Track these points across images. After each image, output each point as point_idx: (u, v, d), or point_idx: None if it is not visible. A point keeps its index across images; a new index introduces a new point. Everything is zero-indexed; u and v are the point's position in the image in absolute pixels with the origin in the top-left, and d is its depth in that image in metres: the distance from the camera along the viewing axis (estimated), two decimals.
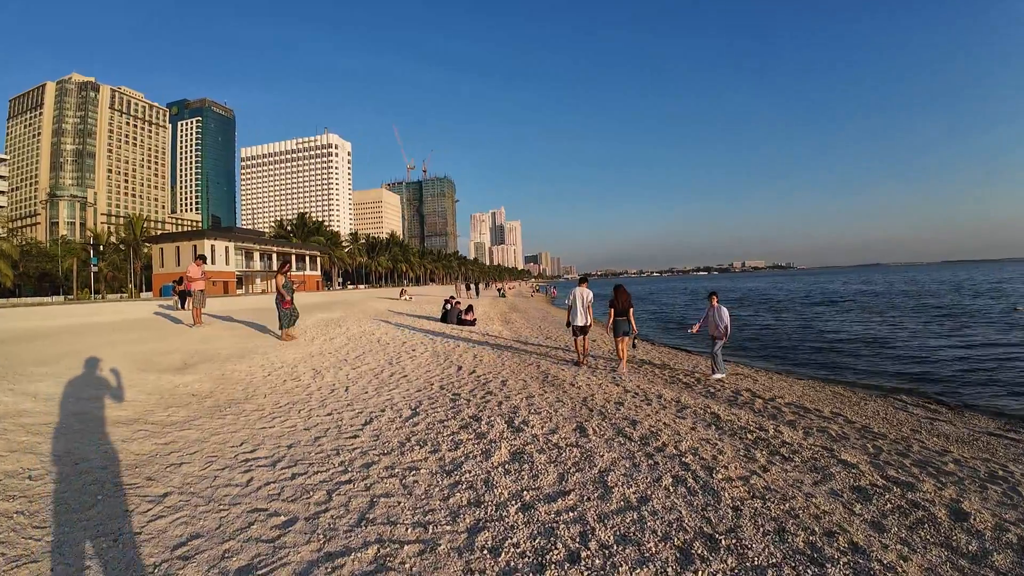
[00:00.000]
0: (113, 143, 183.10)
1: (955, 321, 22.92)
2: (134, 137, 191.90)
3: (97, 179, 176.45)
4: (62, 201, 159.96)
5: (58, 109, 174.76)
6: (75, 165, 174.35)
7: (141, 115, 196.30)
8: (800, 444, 5.74)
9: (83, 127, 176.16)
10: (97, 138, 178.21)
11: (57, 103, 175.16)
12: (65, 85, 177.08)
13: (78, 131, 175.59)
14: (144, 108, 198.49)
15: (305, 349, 11.07)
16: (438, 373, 9.14)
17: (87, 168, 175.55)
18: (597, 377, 9.66)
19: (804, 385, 11.28)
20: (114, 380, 7.25)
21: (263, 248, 75.37)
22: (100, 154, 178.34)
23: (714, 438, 5.88)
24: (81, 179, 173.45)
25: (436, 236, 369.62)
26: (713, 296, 10.72)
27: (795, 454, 5.36)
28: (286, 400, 6.81)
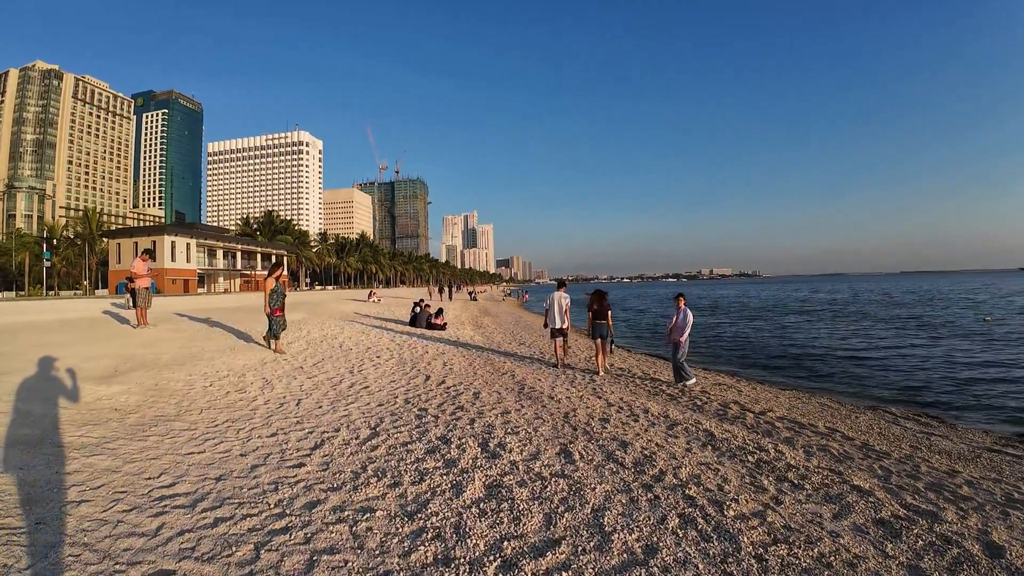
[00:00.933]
0: (75, 134, 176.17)
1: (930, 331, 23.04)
2: (97, 128, 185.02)
3: (57, 171, 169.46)
4: (20, 193, 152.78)
5: (20, 97, 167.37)
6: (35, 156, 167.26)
7: (105, 105, 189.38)
8: (806, 467, 5.21)
9: (44, 116, 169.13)
10: (59, 128, 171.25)
11: (19, 91, 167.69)
12: (28, 73, 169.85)
13: (39, 120, 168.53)
14: (108, 98, 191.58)
15: (257, 355, 10.06)
16: (404, 384, 8.29)
17: (47, 159, 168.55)
18: (576, 388, 8.97)
19: (790, 396, 10.92)
20: (27, 391, 6.21)
21: (227, 246, 72.87)
22: (61, 145, 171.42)
23: (713, 461, 5.24)
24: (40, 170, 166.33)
25: (408, 238, 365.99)
26: (680, 298, 10.34)
27: (804, 480, 4.80)
28: (225, 417, 5.88)
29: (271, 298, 10.18)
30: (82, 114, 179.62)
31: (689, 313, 10.09)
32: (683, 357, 10.20)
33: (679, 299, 10.30)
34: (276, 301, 10.23)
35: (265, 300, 10.26)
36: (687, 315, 10.08)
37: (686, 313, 10.09)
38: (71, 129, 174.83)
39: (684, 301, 10.24)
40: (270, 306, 10.18)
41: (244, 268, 76.08)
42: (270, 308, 10.21)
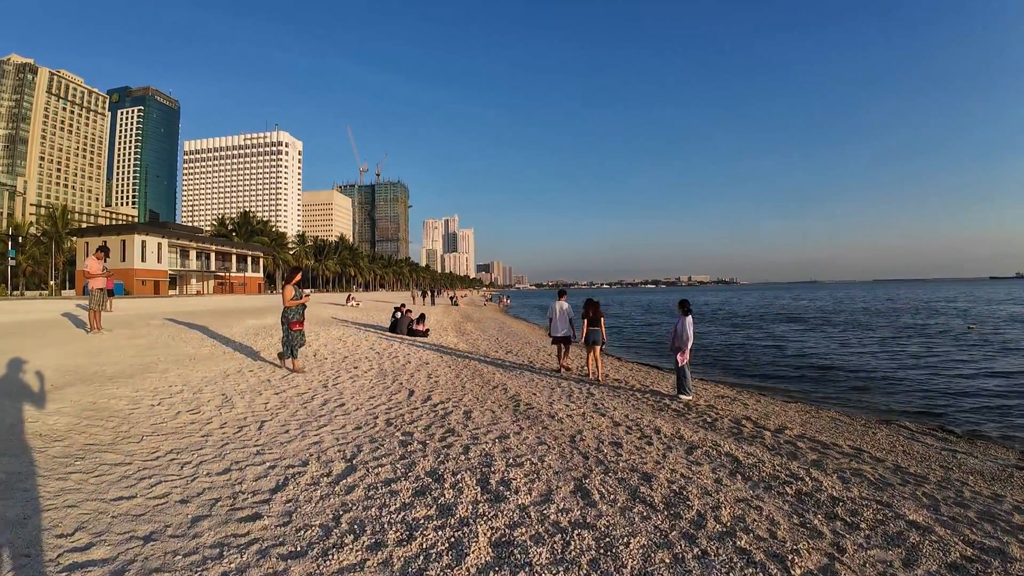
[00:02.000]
0: (48, 129, 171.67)
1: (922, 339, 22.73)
2: (71, 124, 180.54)
3: (28, 167, 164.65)
4: None
5: None
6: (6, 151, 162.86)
7: (79, 101, 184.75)
8: (850, 499, 4.63)
9: (17, 111, 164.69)
10: (32, 123, 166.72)
11: None
12: (3, 66, 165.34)
13: (12, 115, 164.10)
14: (83, 94, 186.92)
15: (220, 366, 9.01)
16: (384, 400, 7.34)
17: (19, 155, 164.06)
18: (576, 403, 8.17)
19: (798, 410, 10.28)
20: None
21: (200, 246, 70.68)
22: (33, 140, 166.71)
23: (751, 496, 4.51)
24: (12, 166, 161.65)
25: (388, 241, 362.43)
26: (681, 305, 9.53)
27: (855, 516, 4.20)
28: (170, 446, 4.87)
29: (291, 311, 8.81)
30: (56, 109, 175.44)
31: (687, 322, 9.25)
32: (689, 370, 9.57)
33: (680, 308, 9.50)
34: (297, 313, 8.88)
35: (284, 308, 8.87)
36: (684, 324, 9.25)
37: (683, 322, 9.27)
38: (44, 124, 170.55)
39: (686, 308, 9.41)
40: (289, 318, 8.81)
41: (218, 270, 73.92)
42: (288, 320, 8.85)
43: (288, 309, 8.80)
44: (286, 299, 8.82)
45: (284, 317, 8.86)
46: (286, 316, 8.81)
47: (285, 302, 8.83)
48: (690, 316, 9.29)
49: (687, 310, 9.35)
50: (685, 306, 9.40)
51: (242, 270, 78.40)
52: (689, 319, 9.24)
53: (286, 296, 8.84)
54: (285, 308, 8.86)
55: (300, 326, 9.00)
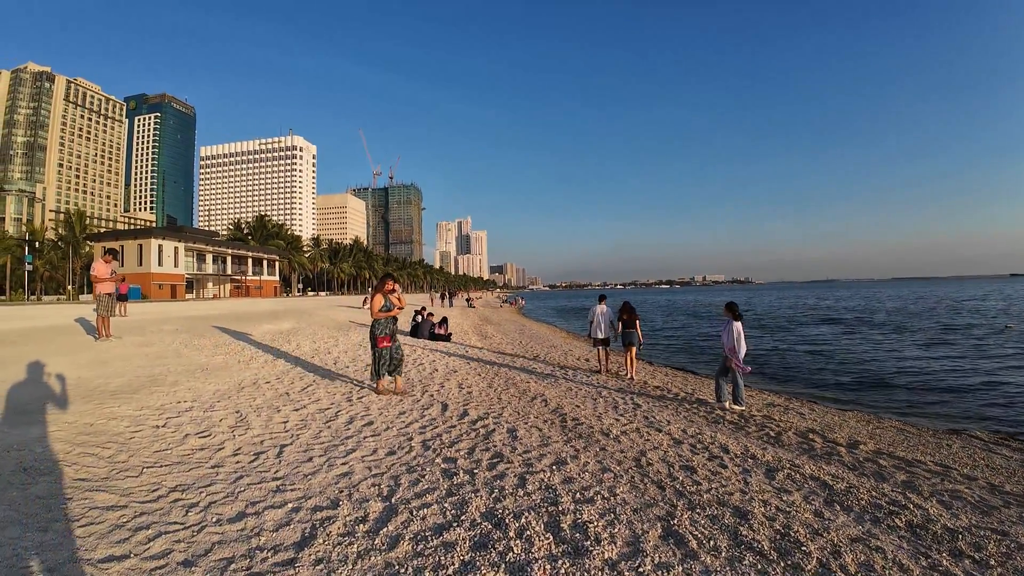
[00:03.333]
0: (66, 137, 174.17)
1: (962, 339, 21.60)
2: (88, 131, 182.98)
3: (47, 174, 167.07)
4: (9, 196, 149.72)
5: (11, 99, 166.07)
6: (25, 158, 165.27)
7: (97, 108, 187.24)
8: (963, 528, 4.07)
9: (35, 119, 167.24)
10: (50, 131, 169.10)
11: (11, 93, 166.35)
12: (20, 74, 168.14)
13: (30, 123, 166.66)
14: (100, 101, 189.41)
15: (234, 377, 8.28)
16: (416, 416, 6.54)
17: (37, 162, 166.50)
18: (625, 415, 7.42)
19: (857, 419, 9.42)
20: None
21: (216, 250, 70.80)
22: (52, 148, 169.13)
23: (861, 531, 3.85)
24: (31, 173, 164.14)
25: (401, 244, 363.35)
26: (729, 308, 8.52)
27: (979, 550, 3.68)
28: (173, 481, 4.10)
29: (378, 324, 7.63)
30: (73, 117, 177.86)
31: (736, 328, 8.29)
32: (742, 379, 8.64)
33: (727, 311, 8.52)
34: (385, 328, 7.66)
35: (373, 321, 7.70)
36: (732, 330, 8.31)
37: (730, 328, 8.34)
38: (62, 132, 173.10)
39: (735, 312, 8.42)
40: (376, 333, 7.64)
41: (234, 273, 74.03)
42: (375, 335, 7.67)
43: (376, 322, 7.62)
44: (374, 310, 7.61)
45: (371, 332, 7.74)
46: (373, 331, 7.69)
47: (373, 313, 7.63)
48: (740, 321, 8.39)
49: (737, 314, 8.38)
50: (734, 310, 8.41)
51: (258, 273, 78.46)
52: (739, 324, 8.31)
53: (375, 307, 7.62)
54: (374, 321, 7.70)
55: (388, 341, 7.67)
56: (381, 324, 7.60)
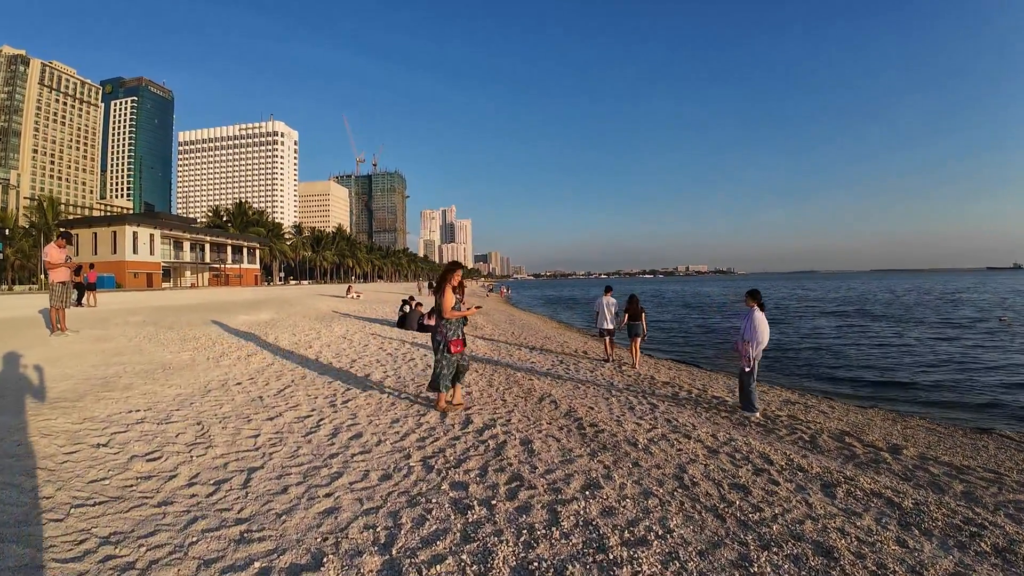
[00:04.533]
0: (40, 121, 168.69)
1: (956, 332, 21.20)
2: (63, 116, 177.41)
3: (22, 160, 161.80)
4: None
5: None
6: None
7: (72, 92, 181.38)
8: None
9: (10, 103, 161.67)
10: (24, 116, 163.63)
11: None
12: None
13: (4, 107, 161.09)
14: (76, 85, 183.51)
15: (201, 378, 7.25)
16: (413, 425, 5.59)
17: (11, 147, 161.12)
18: (646, 419, 6.77)
19: (882, 418, 8.86)
20: None
21: (194, 237, 68.72)
22: (26, 133, 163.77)
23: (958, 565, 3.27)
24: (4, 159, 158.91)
25: (385, 232, 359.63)
26: (751, 297, 7.48)
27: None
28: (106, 527, 3.09)
29: (449, 326, 6.10)
30: (48, 101, 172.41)
31: (758, 318, 7.26)
32: (754, 382, 7.58)
33: (750, 299, 7.49)
34: (457, 330, 6.20)
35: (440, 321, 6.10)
36: (754, 320, 7.23)
37: (753, 318, 7.27)
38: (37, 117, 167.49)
39: (758, 300, 7.44)
40: (448, 336, 6.05)
41: (213, 261, 72.02)
42: (447, 338, 6.05)
43: (447, 322, 6.09)
44: (446, 308, 6.00)
45: (439, 335, 6.10)
46: (443, 334, 6.08)
47: (445, 312, 6.01)
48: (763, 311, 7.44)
49: (760, 302, 7.40)
50: (757, 297, 7.39)
51: (238, 261, 76.51)
52: (761, 314, 7.33)
53: (447, 304, 6.00)
54: (443, 321, 6.11)
55: (461, 346, 6.17)
56: (452, 325, 6.12)
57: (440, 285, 6.07)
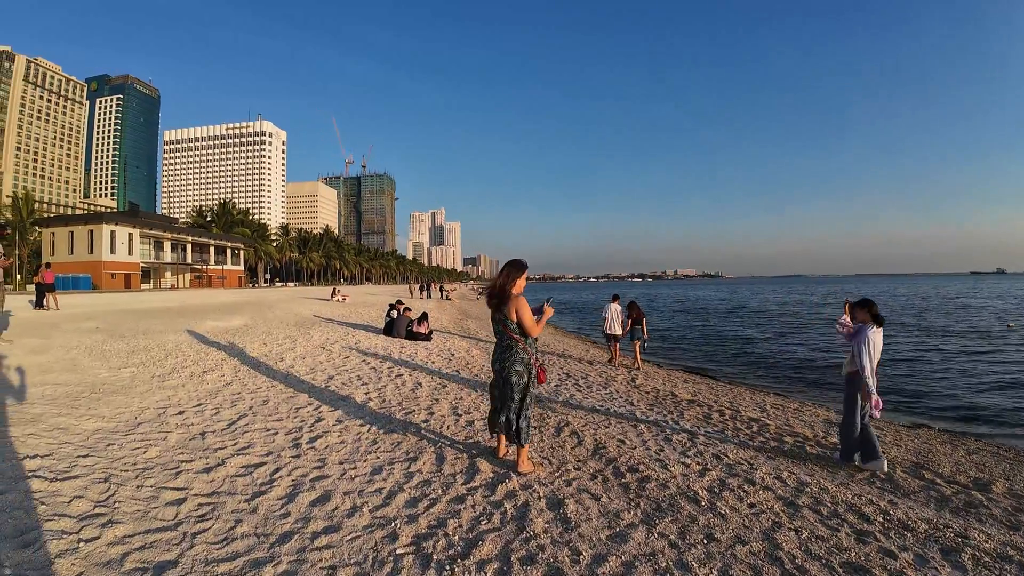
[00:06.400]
0: (24, 119, 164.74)
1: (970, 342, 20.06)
2: (48, 113, 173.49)
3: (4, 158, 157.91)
4: None
5: None
6: None
7: (57, 89, 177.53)
8: None
9: None
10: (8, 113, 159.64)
11: None
12: None
13: None
14: (61, 82, 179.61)
15: (135, 404, 5.78)
16: (401, 478, 4.15)
17: None
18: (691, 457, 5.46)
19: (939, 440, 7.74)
20: None
21: (175, 237, 66.66)
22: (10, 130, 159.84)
23: None
24: None
25: (374, 234, 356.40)
26: (858, 307, 5.38)
27: None
28: None
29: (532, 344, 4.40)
30: (33, 98, 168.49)
31: (872, 334, 5.12)
32: (868, 417, 5.33)
33: (853, 306, 5.48)
34: (537, 351, 4.59)
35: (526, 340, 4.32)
36: (870, 337, 5.10)
37: (864, 336, 5.12)
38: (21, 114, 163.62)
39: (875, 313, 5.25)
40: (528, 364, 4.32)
41: (195, 262, 69.96)
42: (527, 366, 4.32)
43: (531, 341, 4.37)
44: (528, 321, 4.24)
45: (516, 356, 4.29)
46: (530, 355, 4.33)
47: (531, 328, 4.26)
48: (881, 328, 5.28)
49: (878, 317, 5.25)
50: (872, 309, 5.25)
51: (221, 263, 74.48)
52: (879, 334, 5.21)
53: (527, 317, 4.24)
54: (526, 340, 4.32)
55: (544, 374, 4.54)
56: (535, 346, 4.49)
57: (504, 292, 4.29)
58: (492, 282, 4.40)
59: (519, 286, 4.33)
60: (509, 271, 4.33)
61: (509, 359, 4.31)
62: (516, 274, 4.32)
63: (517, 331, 4.30)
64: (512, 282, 4.29)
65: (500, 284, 4.31)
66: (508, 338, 4.33)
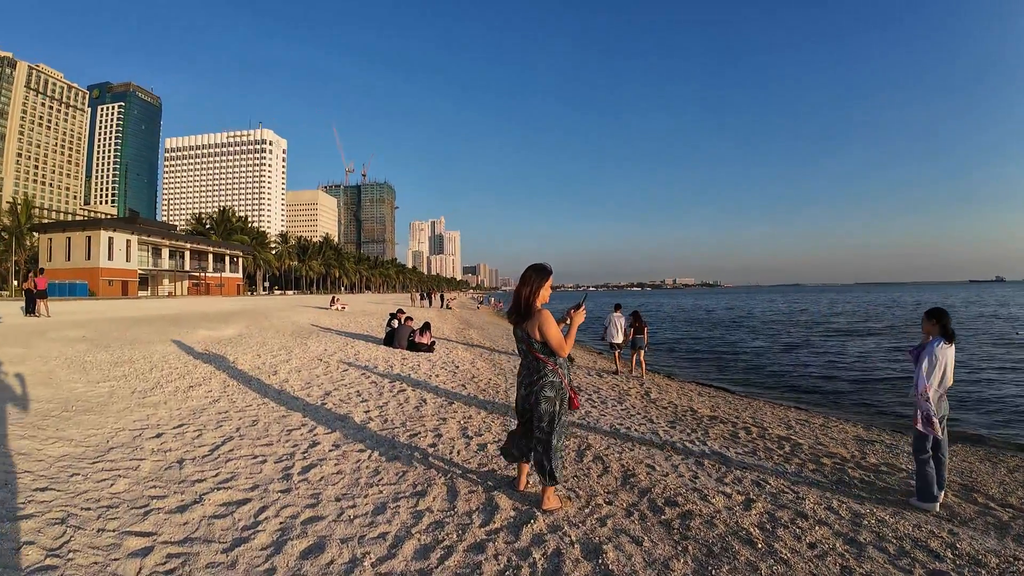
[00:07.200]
0: (26, 125, 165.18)
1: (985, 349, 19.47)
2: (49, 120, 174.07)
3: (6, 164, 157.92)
4: None
5: None
6: None
7: (59, 96, 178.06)
8: None
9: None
10: (9, 119, 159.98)
11: None
12: None
13: None
14: (63, 89, 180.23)
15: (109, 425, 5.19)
16: (406, 519, 3.56)
17: None
18: (730, 484, 4.81)
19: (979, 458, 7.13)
20: None
21: (174, 244, 66.12)
22: (11, 137, 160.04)
23: None
24: None
25: (374, 243, 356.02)
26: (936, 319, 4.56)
27: None
28: None
29: (562, 366, 3.74)
30: (34, 104, 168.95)
31: (940, 350, 4.41)
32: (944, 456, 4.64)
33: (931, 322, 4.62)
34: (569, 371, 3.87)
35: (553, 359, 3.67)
36: (937, 354, 4.41)
37: (932, 352, 4.43)
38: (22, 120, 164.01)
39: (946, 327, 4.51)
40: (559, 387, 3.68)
41: (193, 269, 69.38)
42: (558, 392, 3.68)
43: (560, 360, 3.72)
44: (553, 334, 3.59)
45: (544, 378, 3.68)
46: (550, 380, 3.67)
47: (560, 348, 3.62)
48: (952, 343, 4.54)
49: (949, 333, 4.52)
50: (943, 320, 4.52)
51: (219, 270, 73.90)
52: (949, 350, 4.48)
53: (553, 330, 3.60)
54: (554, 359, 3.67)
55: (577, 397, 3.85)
56: (567, 366, 3.83)
57: (529, 306, 3.65)
58: (515, 293, 3.75)
59: (544, 295, 3.69)
60: (532, 279, 3.67)
61: (537, 382, 3.69)
62: (540, 282, 3.66)
63: (543, 350, 3.66)
64: (536, 293, 3.65)
65: (524, 297, 3.66)
66: (534, 358, 3.71)
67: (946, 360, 4.42)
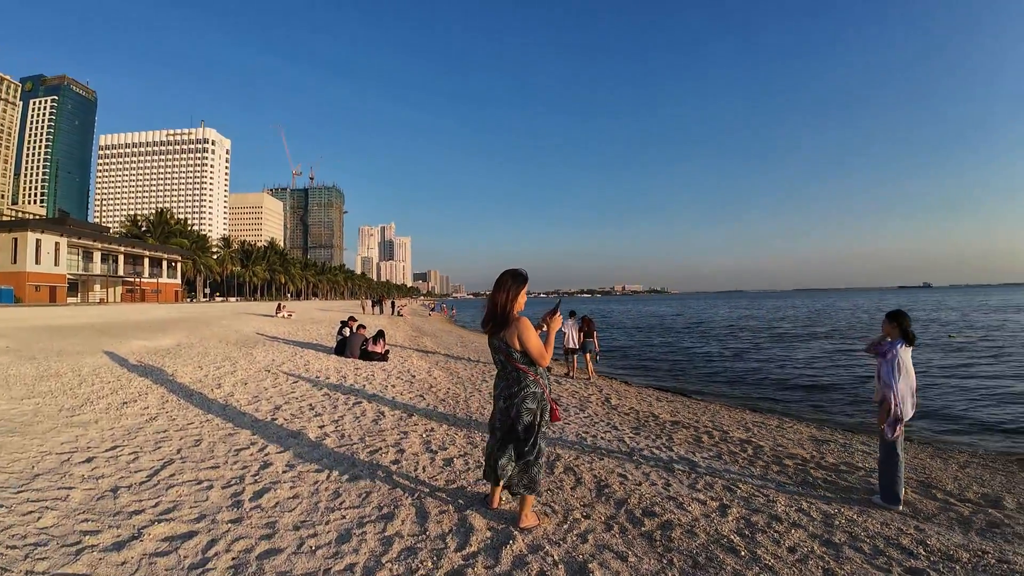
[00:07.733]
0: None
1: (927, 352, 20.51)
2: None
3: None
4: None
5: None
6: None
7: None
8: None
9: None
10: None
11: None
12: None
13: None
14: None
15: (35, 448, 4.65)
16: (374, 546, 3.23)
17: None
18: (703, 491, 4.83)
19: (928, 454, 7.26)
20: None
21: (106, 247, 62.52)
22: None
23: None
24: None
25: (321, 248, 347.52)
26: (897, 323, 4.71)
27: None
28: None
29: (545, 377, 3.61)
30: None
31: (900, 354, 4.54)
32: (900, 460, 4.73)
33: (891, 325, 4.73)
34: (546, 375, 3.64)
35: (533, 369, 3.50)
36: (898, 363, 4.53)
37: (896, 355, 4.54)
38: None
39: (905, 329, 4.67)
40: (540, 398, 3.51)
41: (128, 274, 65.79)
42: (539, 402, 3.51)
43: (540, 370, 3.57)
44: (533, 349, 3.43)
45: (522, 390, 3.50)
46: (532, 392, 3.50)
47: (541, 358, 3.48)
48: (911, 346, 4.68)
49: (909, 335, 4.65)
50: (904, 323, 4.65)
51: (156, 275, 70.37)
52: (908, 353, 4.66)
53: (534, 340, 3.44)
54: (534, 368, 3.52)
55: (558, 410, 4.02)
56: (547, 376, 3.67)
57: (505, 314, 3.46)
58: (490, 300, 3.54)
59: (520, 303, 3.52)
60: (508, 284, 3.48)
61: (518, 394, 3.49)
62: (517, 288, 3.49)
63: (523, 360, 3.48)
64: (513, 300, 3.47)
65: (500, 304, 3.47)
66: (513, 369, 3.52)
67: (907, 362, 4.58)
